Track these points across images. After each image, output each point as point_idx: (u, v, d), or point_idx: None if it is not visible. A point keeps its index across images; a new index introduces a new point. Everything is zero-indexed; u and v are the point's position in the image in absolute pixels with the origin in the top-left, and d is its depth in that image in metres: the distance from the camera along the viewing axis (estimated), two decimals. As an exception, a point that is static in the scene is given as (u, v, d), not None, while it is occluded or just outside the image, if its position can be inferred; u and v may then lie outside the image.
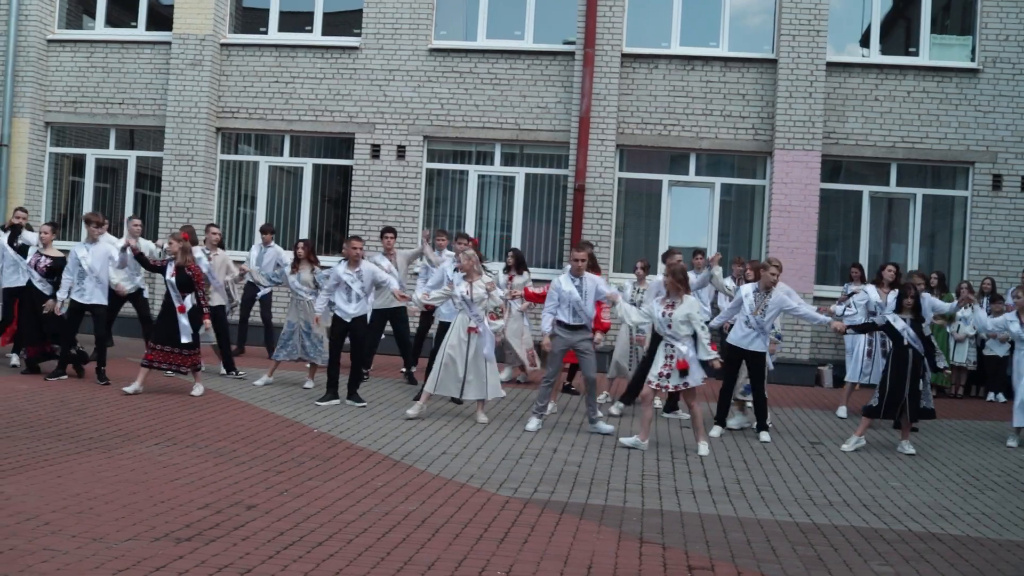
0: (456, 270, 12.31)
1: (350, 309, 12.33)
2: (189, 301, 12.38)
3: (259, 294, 16.28)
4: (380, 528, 6.91)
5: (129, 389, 12.18)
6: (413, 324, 15.28)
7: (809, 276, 17.21)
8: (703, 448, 10.54)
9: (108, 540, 6.28)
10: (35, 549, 6.03)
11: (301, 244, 13.86)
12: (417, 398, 12.13)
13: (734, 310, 11.88)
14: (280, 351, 13.56)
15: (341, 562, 6.10)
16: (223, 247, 15.23)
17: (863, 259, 17.52)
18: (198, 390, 12.42)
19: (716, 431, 11.69)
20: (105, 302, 13.15)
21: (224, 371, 14.13)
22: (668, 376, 10.72)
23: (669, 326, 10.70)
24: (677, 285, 10.77)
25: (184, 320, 12.27)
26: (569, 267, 11.90)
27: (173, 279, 12.33)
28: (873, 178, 18.22)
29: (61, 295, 13.03)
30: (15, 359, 13.95)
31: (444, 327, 12.39)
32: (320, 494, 7.81)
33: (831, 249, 18.33)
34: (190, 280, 12.37)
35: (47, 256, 13.54)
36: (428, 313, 14.70)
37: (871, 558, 6.85)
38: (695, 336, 10.68)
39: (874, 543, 7.24)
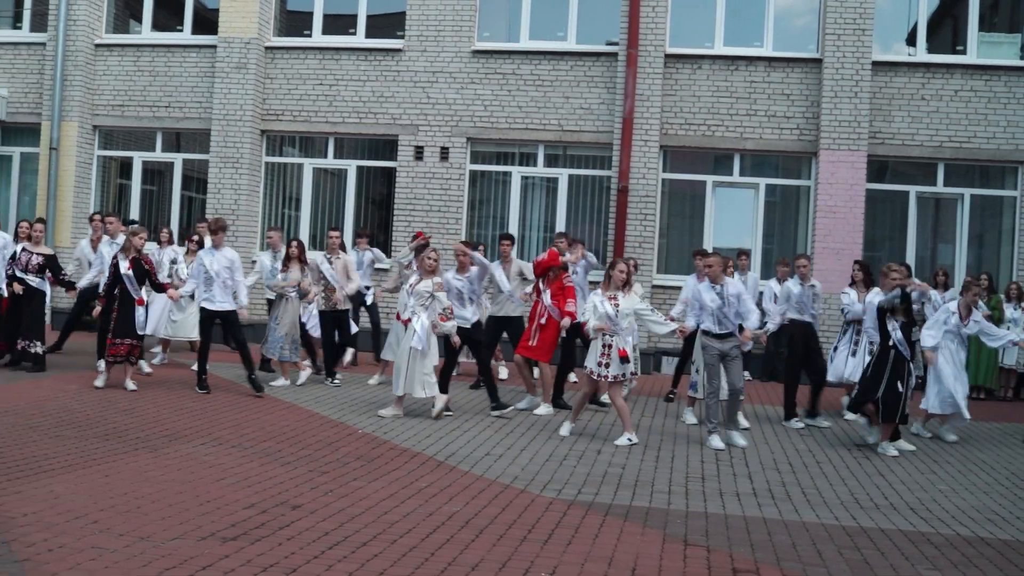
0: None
1: (468, 314, 12.23)
2: (145, 293, 12.68)
3: (366, 301, 15.98)
4: (424, 528, 6.92)
5: (131, 386, 12.48)
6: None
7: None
8: (622, 439, 10.71)
9: (155, 539, 6.34)
10: (84, 547, 6.09)
11: (294, 243, 13.86)
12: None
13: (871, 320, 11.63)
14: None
15: (385, 562, 6.12)
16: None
17: (910, 260, 17.31)
18: (131, 385, 12.50)
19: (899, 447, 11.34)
20: (235, 308, 13.01)
21: (327, 377, 14.05)
22: (607, 366, 10.88)
23: (617, 315, 10.89)
24: (629, 281, 11.14)
25: (142, 312, 12.60)
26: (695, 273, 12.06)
27: (131, 272, 12.54)
28: (920, 178, 18.04)
29: (186, 290, 13.54)
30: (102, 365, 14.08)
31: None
32: (364, 494, 7.84)
33: (877, 250, 18.13)
34: (146, 273, 12.62)
35: (38, 254, 13.90)
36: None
37: (919, 562, 6.78)
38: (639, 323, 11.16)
39: (922, 547, 7.16)
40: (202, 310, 12.90)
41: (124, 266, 12.56)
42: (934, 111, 17.55)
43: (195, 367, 14.32)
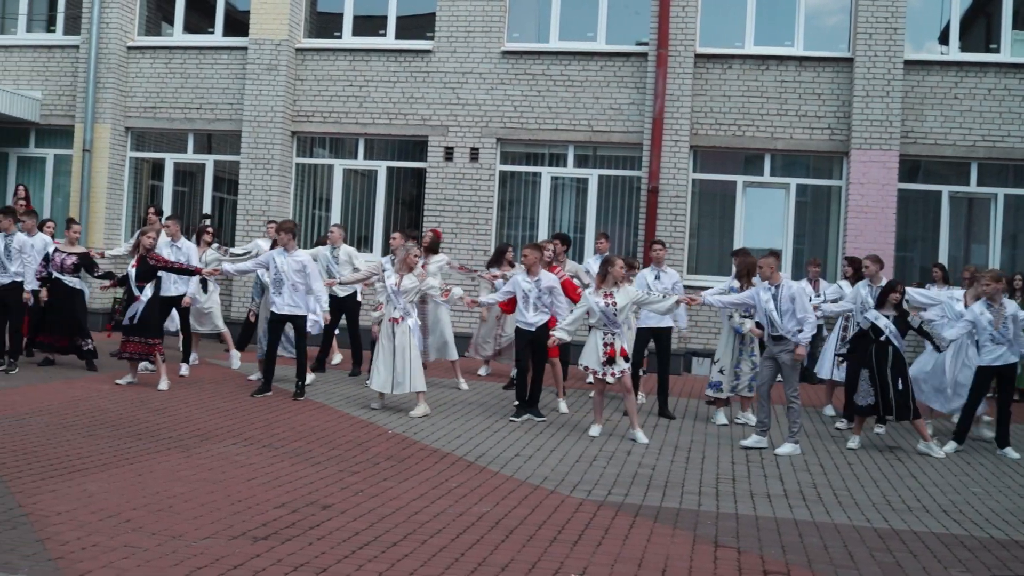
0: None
1: (531, 318, 11.95)
2: (149, 290, 12.73)
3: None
4: (454, 529, 6.93)
5: (162, 385, 12.59)
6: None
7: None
8: (640, 436, 10.86)
9: (187, 538, 6.38)
10: (117, 546, 6.14)
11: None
12: None
13: (964, 329, 11.41)
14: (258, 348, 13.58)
15: (415, 562, 6.13)
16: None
17: (943, 260, 17.16)
18: (163, 384, 12.59)
19: (951, 446, 11.20)
20: (305, 313, 12.78)
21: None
22: (609, 364, 10.98)
23: (616, 315, 10.96)
24: (627, 277, 11.33)
25: (132, 308, 12.66)
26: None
27: (133, 270, 12.71)
28: (953, 178, 17.89)
29: (231, 267, 13.46)
30: (184, 368, 14.09)
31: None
32: (395, 495, 7.86)
33: (909, 250, 18.02)
34: (152, 270, 12.69)
35: (72, 254, 14.03)
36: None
37: (951, 565, 6.73)
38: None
39: (955, 550, 7.11)
40: (272, 313, 12.81)
41: (131, 262, 12.76)
42: (967, 110, 17.41)
43: (231, 366, 14.47)
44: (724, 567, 6.42)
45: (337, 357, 15.96)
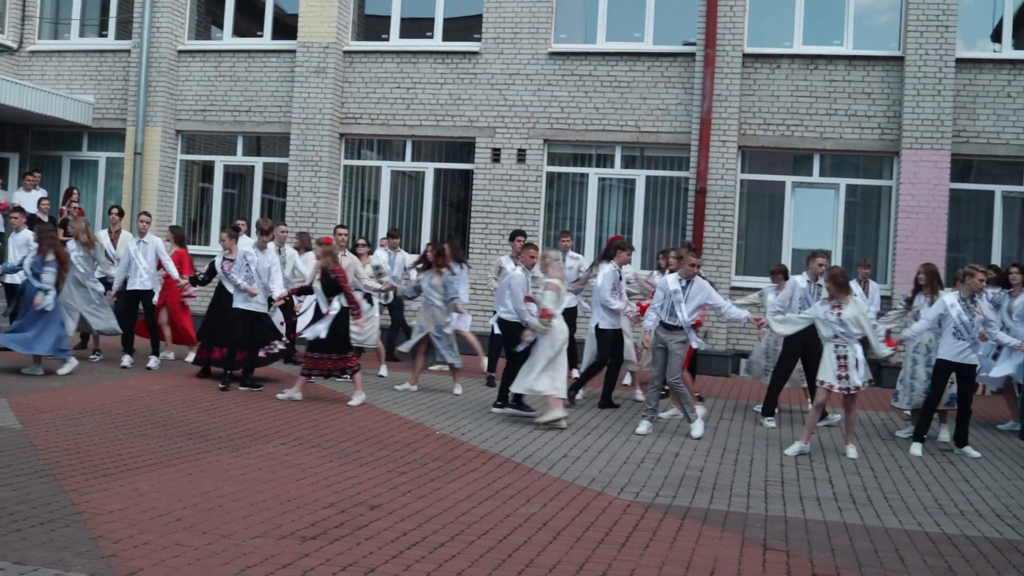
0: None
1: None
2: (337, 304, 12.30)
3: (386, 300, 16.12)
4: (502, 530, 6.94)
5: (283, 396, 12.33)
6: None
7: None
8: (851, 451, 10.53)
9: (236, 537, 6.43)
10: (167, 544, 6.20)
11: (430, 247, 13.77)
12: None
13: (932, 323, 11.17)
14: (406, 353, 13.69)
15: (463, 563, 6.14)
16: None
17: (996, 261, 16.94)
18: (356, 399, 12.19)
19: (917, 448, 10.99)
20: (261, 310, 13.21)
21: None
22: (846, 377, 10.49)
23: (842, 327, 10.49)
24: (839, 289, 10.52)
25: (321, 324, 12.28)
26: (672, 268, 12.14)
27: (319, 283, 12.38)
28: (1006, 177, 17.66)
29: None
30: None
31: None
32: (442, 495, 7.87)
33: (961, 251, 17.78)
34: (335, 284, 12.33)
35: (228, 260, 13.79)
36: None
37: (1005, 571, 6.63)
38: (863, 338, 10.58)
39: (1008, 555, 7.01)
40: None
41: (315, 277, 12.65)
42: (1020, 108, 17.16)
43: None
44: (773, 570, 6.38)
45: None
